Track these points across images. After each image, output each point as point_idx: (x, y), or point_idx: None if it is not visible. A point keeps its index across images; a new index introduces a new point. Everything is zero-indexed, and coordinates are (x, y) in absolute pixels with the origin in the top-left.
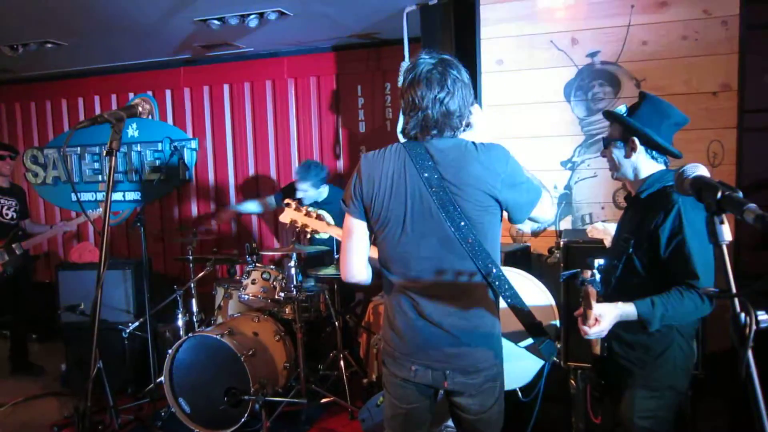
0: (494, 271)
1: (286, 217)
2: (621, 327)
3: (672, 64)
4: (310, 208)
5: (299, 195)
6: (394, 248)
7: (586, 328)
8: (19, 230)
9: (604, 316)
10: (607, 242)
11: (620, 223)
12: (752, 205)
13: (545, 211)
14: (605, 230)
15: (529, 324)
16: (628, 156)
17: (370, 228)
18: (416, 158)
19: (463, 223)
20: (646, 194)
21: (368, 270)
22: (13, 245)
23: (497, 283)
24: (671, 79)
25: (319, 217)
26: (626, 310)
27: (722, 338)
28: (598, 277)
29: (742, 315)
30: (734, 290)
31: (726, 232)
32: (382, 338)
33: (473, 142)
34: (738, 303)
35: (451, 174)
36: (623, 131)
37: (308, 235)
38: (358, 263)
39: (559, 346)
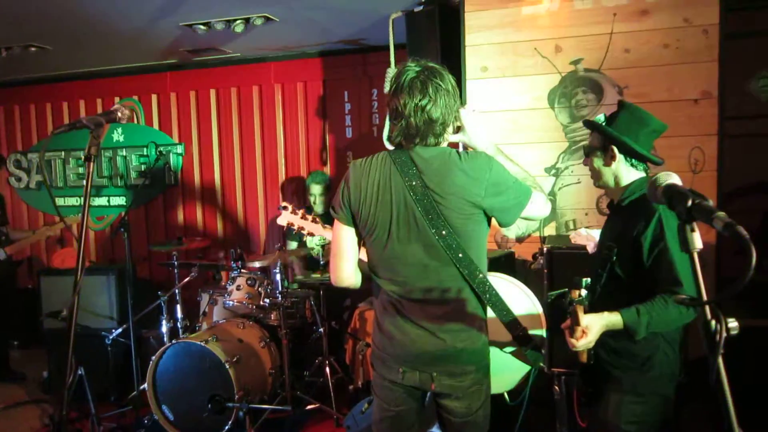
0: (479, 277)
1: (283, 219)
2: (607, 334)
3: (654, 72)
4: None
5: (312, 199)
6: (381, 254)
7: (573, 340)
8: (1, 235)
9: (591, 328)
10: (590, 248)
11: (603, 231)
12: (721, 213)
13: (538, 209)
14: (588, 236)
15: (514, 331)
16: (607, 164)
17: (359, 234)
18: (401, 166)
19: (445, 231)
20: (628, 202)
21: (357, 275)
22: None
23: (482, 289)
24: (653, 87)
25: (315, 220)
26: (612, 319)
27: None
28: (584, 293)
29: (713, 322)
30: (704, 297)
31: (697, 240)
32: (372, 341)
33: (457, 151)
34: (709, 310)
35: (434, 182)
36: (602, 140)
37: (304, 238)
38: (346, 268)
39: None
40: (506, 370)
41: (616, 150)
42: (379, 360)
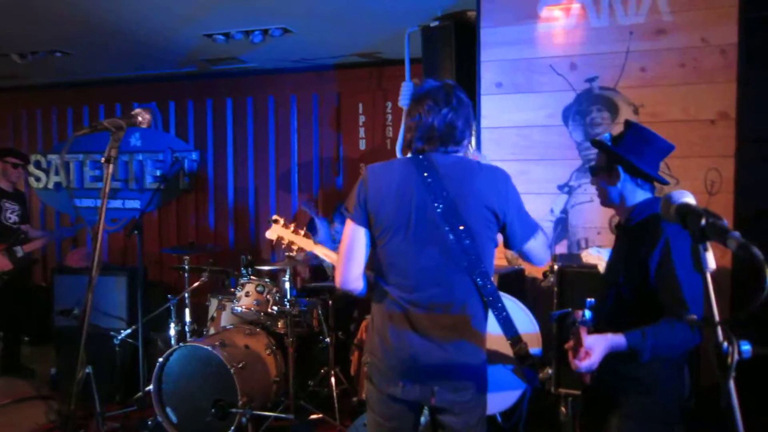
0: (489, 287)
1: (273, 233)
2: (611, 356)
3: (670, 91)
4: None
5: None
6: (393, 257)
7: (576, 361)
8: (20, 234)
9: (595, 349)
10: (602, 268)
11: (611, 253)
12: (735, 233)
13: (539, 249)
14: (600, 256)
15: (516, 348)
16: (612, 184)
17: (371, 236)
18: (422, 170)
19: (464, 236)
20: (634, 222)
21: (363, 279)
22: (15, 248)
23: (491, 299)
24: (669, 106)
25: (306, 235)
26: (616, 341)
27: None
28: (588, 315)
29: (725, 344)
30: (717, 318)
31: (710, 260)
32: (370, 351)
33: (477, 162)
34: (721, 332)
35: (455, 187)
36: (608, 159)
37: (294, 253)
38: (355, 270)
39: (546, 373)
40: (500, 390)
41: (620, 169)
42: (378, 372)
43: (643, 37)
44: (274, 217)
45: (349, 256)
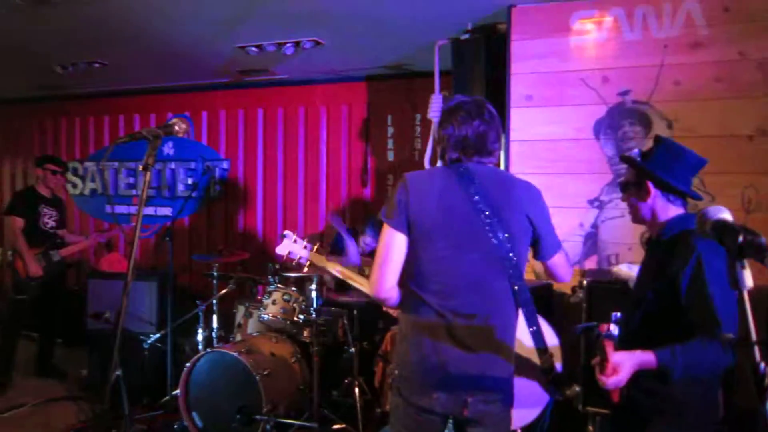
0: (526, 296)
1: (283, 248)
2: (642, 374)
3: (705, 106)
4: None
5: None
6: (433, 264)
7: (603, 378)
8: (57, 239)
9: (622, 365)
10: (632, 284)
11: (641, 269)
12: None
13: (565, 265)
14: (630, 272)
15: (543, 358)
16: (643, 200)
17: (409, 243)
18: (463, 178)
19: (507, 243)
20: (665, 238)
21: (397, 289)
22: (51, 252)
23: (526, 308)
24: (704, 121)
25: (318, 251)
26: (645, 358)
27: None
28: (615, 330)
29: (762, 365)
30: (754, 338)
31: (748, 278)
32: (398, 362)
33: (508, 173)
34: (758, 351)
35: (496, 195)
36: (638, 175)
37: (305, 268)
38: (392, 277)
39: (573, 390)
40: (524, 403)
41: (651, 185)
42: (408, 383)
43: (677, 51)
44: (286, 231)
45: (386, 263)
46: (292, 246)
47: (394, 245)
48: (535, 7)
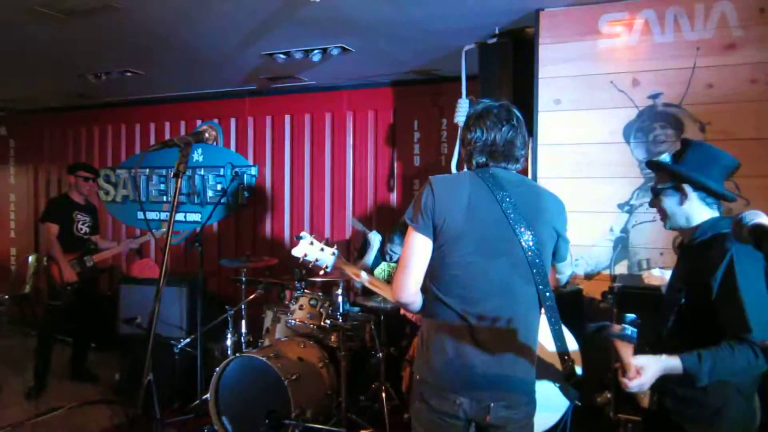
0: (550, 301)
1: (299, 251)
2: (674, 381)
3: (740, 108)
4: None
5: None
6: (458, 268)
7: (626, 380)
8: (91, 244)
9: (646, 369)
10: (664, 289)
11: (673, 273)
12: None
13: (567, 268)
14: (662, 277)
15: (565, 362)
16: (681, 204)
17: (434, 247)
18: (491, 184)
19: (534, 249)
20: (698, 242)
21: (420, 294)
22: (85, 258)
23: (550, 313)
24: (739, 124)
25: (333, 253)
26: (671, 363)
27: None
28: (629, 330)
29: None
30: None
31: None
32: (420, 368)
33: (533, 181)
34: None
35: (524, 202)
36: (672, 179)
37: (321, 272)
38: (416, 281)
39: (605, 397)
40: (543, 410)
41: (689, 189)
42: (432, 389)
43: (710, 53)
44: (302, 233)
45: (410, 267)
46: (308, 248)
47: (419, 249)
48: (564, 10)
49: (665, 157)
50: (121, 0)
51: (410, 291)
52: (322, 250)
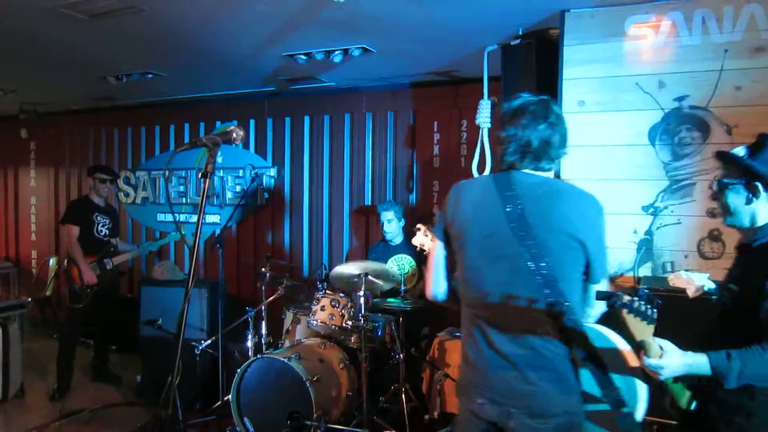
0: (566, 316)
1: (417, 240)
2: (711, 381)
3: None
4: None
5: (384, 225)
6: (468, 271)
7: (645, 357)
8: (111, 247)
9: (670, 353)
10: (690, 292)
11: (728, 273)
12: None
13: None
14: (689, 280)
15: (602, 376)
16: (748, 203)
17: (450, 250)
18: (501, 188)
19: (539, 256)
20: (759, 243)
21: (444, 289)
22: (105, 260)
23: (570, 326)
24: (767, 127)
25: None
26: (698, 359)
27: None
28: (640, 304)
29: None
30: None
31: None
32: (460, 365)
33: (568, 184)
34: None
35: (534, 208)
36: (744, 175)
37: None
38: (436, 281)
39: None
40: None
41: (761, 187)
42: (462, 388)
43: (739, 55)
44: (418, 225)
45: (430, 269)
46: (423, 239)
47: (435, 252)
48: (590, 11)
49: (739, 150)
50: (145, 1)
51: (430, 288)
52: (434, 239)
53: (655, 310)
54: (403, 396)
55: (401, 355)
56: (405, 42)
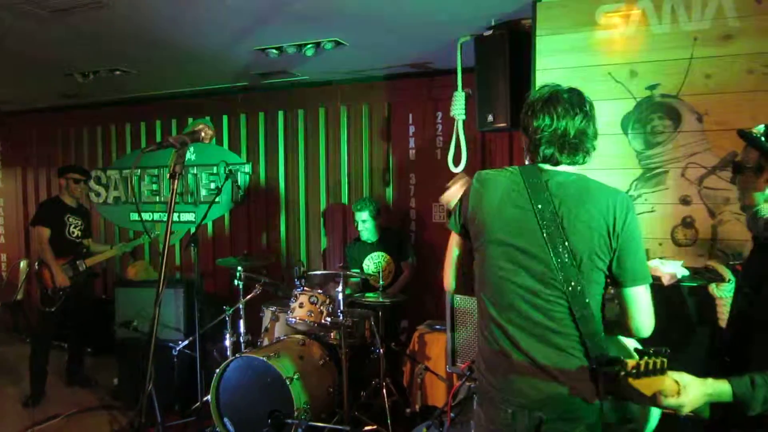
0: (589, 327)
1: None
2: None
3: (737, 99)
4: None
5: (359, 224)
6: (489, 270)
7: (664, 399)
8: (83, 248)
9: (689, 388)
10: (665, 281)
11: (743, 272)
12: None
13: (644, 309)
14: (665, 269)
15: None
16: (759, 189)
17: (467, 244)
18: (532, 187)
19: (568, 259)
20: None
21: (454, 287)
22: (77, 262)
23: (591, 342)
24: (736, 114)
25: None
26: (719, 388)
27: None
28: (647, 363)
29: None
30: None
31: None
32: (476, 371)
33: (597, 182)
34: None
35: (566, 210)
36: (759, 157)
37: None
38: (451, 273)
39: None
40: None
41: None
42: (487, 398)
43: (708, 43)
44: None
45: (447, 260)
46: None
47: (452, 244)
48: (561, 1)
49: (761, 128)
50: None
51: (448, 281)
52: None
53: (665, 360)
54: (384, 390)
55: (381, 350)
56: (377, 34)
